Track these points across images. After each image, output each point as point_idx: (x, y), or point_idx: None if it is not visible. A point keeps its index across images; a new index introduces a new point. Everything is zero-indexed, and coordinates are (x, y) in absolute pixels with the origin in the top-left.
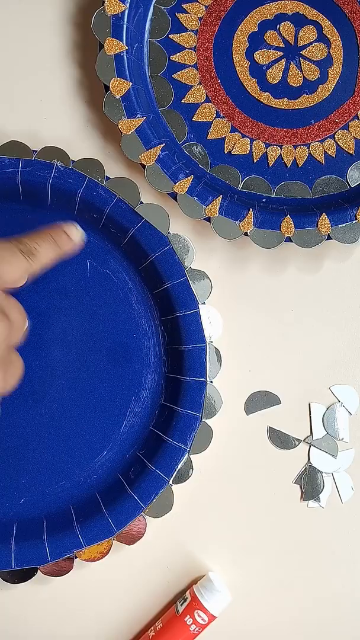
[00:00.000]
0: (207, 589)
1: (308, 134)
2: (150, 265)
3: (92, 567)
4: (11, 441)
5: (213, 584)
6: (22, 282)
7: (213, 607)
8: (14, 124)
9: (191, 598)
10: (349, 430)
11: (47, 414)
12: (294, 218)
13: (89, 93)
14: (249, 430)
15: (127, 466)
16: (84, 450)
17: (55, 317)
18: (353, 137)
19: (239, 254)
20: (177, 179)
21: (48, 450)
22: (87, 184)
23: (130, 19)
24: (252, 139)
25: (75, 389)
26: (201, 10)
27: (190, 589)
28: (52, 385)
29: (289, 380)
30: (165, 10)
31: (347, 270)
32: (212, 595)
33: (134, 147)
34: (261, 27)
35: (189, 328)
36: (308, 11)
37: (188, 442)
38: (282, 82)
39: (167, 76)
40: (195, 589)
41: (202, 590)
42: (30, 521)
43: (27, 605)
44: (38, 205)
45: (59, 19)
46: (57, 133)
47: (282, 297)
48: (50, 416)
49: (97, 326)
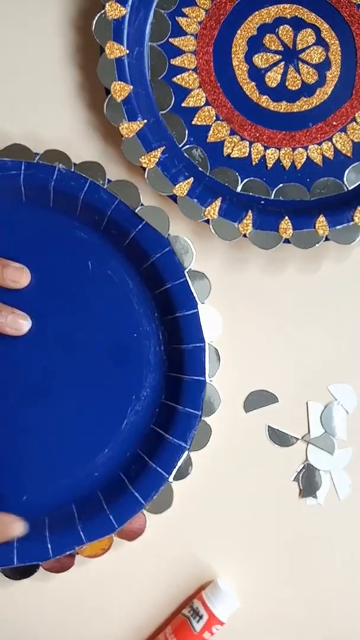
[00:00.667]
0: (218, 598)
1: (306, 136)
2: (151, 266)
3: (94, 563)
4: (13, 440)
5: (222, 591)
6: (24, 283)
7: (222, 614)
8: (16, 126)
9: (208, 616)
10: (346, 428)
11: (49, 413)
12: (292, 220)
13: (90, 96)
14: (247, 428)
15: (128, 464)
16: (86, 449)
17: (57, 317)
18: (351, 139)
19: (237, 255)
20: (177, 181)
21: (50, 449)
22: (89, 187)
23: (130, 23)
24: (251, 141)
25: (77, 388)
26: (201, 14)
27: (201, 601)
28: (53, 385)
29: (287, 379)
30: (165, 14)
31: (344, 271)
32: (222, 603)
33: (134, 150)
34: (260, 30)
35: (189, 328)
36: (307, 15)
37: (188, 440)
38: (280, 85)
39: (167, 80)
40: (209, 605)
41: (214, 602)
42: (32, 518)
43: (29, 601)
44: (40, 207)
45: (60, 22)
46: (59, 136)
47: (281, 298)
48: (51, 415)
49: (98, 326)
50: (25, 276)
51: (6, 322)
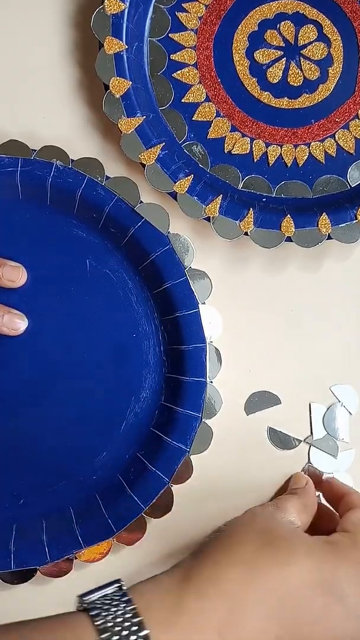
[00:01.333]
0: None
1: (308, 133)
2: (150, 265)
3: (92, 568)
4: (10, 441)
5: None
6: (21, 283)
7: None
8: (13, 123)
9: None
10: (349, 430)
11: (46, 415)
12: (294, 218)
13: (88, 92)
14: (249, 430)
15: (127, 466)
16: (84, 451)
17: (54, 317)
18: (353, 136)
19: (239, 253)
20: (177, 178)
21: (47, 451)
22: (86, 183)
23: (130, 18)
24: (252, 138)
25: (75, 389)
26: (201, 10)
27: None
28: (51, 386)
29: (289, 380)
30: (165, 9)
31: (347, 270)
32: None
33: (133, 147)
34: (261, 26)
35: (189, 328)
36: (308, 10)
37: (188, 443)
38: (282, 81)
39: (167, 75)
40: None
41: None
42: (30, 522)
43: (27, 606)
44: (37, 204)
45: (59, 18)
46: (57, 132)
47: (282, 297)
48: (49, 416)
49: (96, 326)
50: (22, 275)
51: (2, 322)
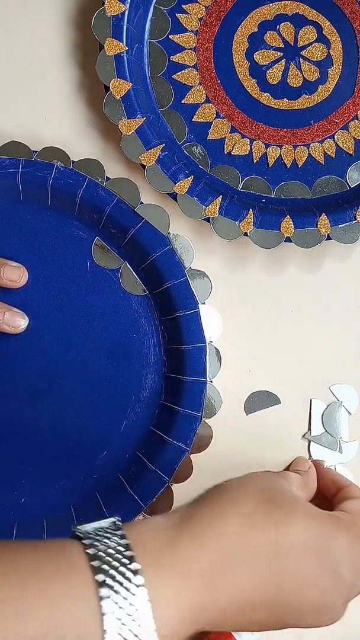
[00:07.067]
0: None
1: (308, 134)
2: (151, 265)
3: None
4: (11, 441)
5: None
6: (22, 283)
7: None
8: (14, 124)
9: None
10: (348, 429)
11: (47, 414)
12: (294, 218)
13: (89, 93)
14: (248, 430)
15: (127, 466)
16: (84, 450)
17: (55, 317)
18: (352, 137)
19: (238, 254)
20: (177, 179)
21: (48, 450)
22: (87, 185)
23: (130, 20)
24: (252, 139)
25: (75, 389)
26: (201, 11)
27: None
28: (52, 385)
29: (289, 379)
30: (165, 11)
31: (346, 270)
32: None
33: (134, 148)
34: (261, 27)
35: (189, 328)
36: (308, 12)
37: (188, 442)
38: (281, 82)
39: (167, 77)
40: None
41: None
42: (31, 521)
43: None
44: (38, 205)
45: (59, 19)
46: (57, 133)
47: (282, 297)
48: (49, 416)
49: (97, 326)
50: (23, 275)
51: (3, 320)
